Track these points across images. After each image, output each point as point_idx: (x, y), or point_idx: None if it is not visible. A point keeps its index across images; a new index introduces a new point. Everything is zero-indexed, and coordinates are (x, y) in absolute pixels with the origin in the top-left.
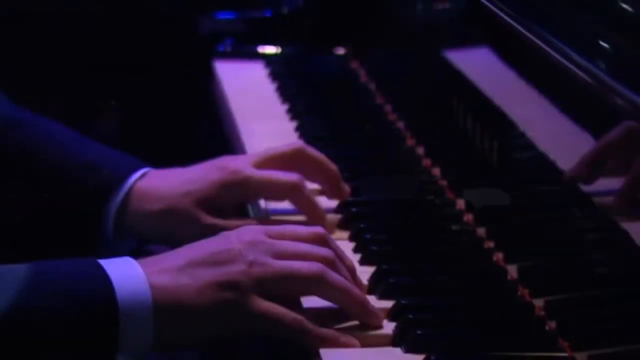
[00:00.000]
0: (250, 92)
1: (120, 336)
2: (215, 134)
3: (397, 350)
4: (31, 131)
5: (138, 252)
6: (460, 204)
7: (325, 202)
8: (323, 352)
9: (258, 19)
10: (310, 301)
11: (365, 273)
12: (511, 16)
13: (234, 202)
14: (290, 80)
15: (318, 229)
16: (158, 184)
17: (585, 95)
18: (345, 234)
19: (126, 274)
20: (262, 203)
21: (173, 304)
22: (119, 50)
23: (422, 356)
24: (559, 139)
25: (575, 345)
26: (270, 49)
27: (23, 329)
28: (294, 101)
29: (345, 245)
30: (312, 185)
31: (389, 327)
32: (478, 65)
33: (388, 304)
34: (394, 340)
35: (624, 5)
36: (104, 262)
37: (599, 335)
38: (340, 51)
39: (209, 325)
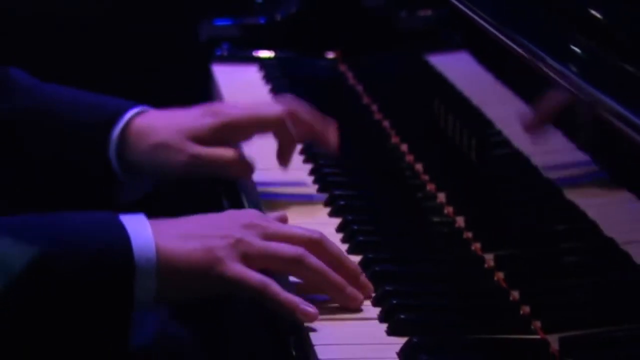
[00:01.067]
0: (245, 93)
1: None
2: None
3: (382, 334)
4: (39, 92)
5: None
6: (441, 197)
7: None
8: (312, 326)
9: (253, 25)
10: None
11: None
12: (489, 23)
13: (224, 142)
14: (282, 82)
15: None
16: (154, 121)
17: (557, 96)
18: (333, 226)
19: (139, 231)
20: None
21: (170, 263)
22: (123, 55)
23: (405, 339)
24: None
25: (547, 328)
26: (264, 53)
27: (46, 278)
28: None
29: (334, 235)
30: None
31: (374, 311)
32: (457, 68)
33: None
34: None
35: (593, 12)
36: (122, 217)
37: (568, 319)
38: (330, 55)
39: (193, 286)
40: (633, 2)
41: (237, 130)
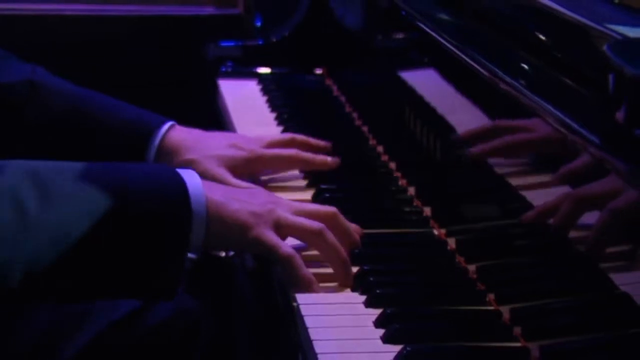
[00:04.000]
0: (246, 104)
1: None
2: None
3: (360, 306)
4: (73, 96)
5: None
6: (411, 190)
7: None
8: (299, 296)
9: (253, 46)
10: None
11: None
12: (452, 44)
13: (247, 174)
14: (277, 94)
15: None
16: (185, 136)
17: (509, 105)
18: None
19: (194, 184)
20: None
21: (218, 216)
22: (144, 71)
23: (380, 310)
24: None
25: (500, 300)
26: (262, 70)
27: (120, 219)
28: (280, 110)
29: None
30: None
31: None
32: (425, 82)
33: (354, 269)
34: None
35: (539, 35)
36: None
37: (518, 293)
38: (318, 71)
39: (233, 240)
40: (568, 27)
41: (259, 165)
